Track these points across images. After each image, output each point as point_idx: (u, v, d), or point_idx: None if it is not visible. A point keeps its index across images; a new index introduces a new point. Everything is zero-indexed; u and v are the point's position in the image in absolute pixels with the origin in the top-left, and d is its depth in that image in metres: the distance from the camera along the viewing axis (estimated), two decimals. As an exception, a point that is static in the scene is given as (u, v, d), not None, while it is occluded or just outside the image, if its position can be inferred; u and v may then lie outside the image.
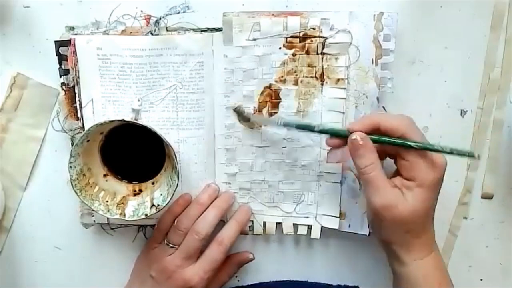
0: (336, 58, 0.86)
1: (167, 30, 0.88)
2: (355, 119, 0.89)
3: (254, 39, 0.86)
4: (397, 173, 0.82)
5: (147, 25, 0.88)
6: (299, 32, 0.86)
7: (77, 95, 0.89)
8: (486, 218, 0.98)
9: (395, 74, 0.90)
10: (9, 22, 0.89)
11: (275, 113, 0.89)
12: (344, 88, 0.87)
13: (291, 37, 0.86)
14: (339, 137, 0.82)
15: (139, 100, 0.87)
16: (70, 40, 0.87)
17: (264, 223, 0.95)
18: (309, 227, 0.95)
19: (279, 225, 0.96)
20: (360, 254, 0.99)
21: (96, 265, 1.00)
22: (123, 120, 0.84)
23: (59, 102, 0.91)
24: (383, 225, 0.81)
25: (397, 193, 0.78)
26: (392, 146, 0.80)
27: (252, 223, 0.95)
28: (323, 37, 0.86)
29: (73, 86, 0.89)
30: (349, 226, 0.94)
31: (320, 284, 0.99)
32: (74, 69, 0.88)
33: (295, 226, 0.95)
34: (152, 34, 0.88)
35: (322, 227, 0.94)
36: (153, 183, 0.92)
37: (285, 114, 0.89)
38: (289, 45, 0.86)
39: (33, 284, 1.00)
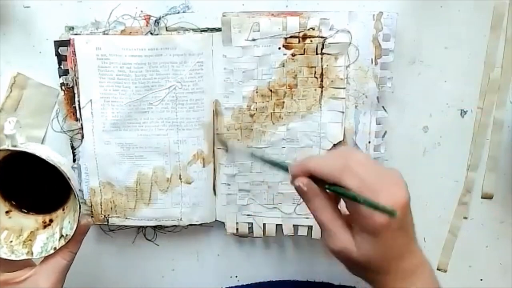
0: (336, 58, 0.87)
1: (167, 30, 0.88)
2: (355, 118, 0.90)
3: (254, 40, 0.86)
4: None
5: (146, 25, 0.88)
6: (299, 32, 0.86)
7: (76, 95, 0.89)
8: (486, 218, 0.98)
9: (395, 74, 0.90)
10: (9, 22, 0.89)
11: (274, 113, 0.89)
12: (344, 88, 0.88)
13: (291, 37, 0.86)
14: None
15: (10, 123, 0.76)
16: (69, 40, 0.87)
17: (264, 225, 0.95)
18: (310, 228, 0.95)
19: (278, 226, 0.95)
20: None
21: (96, 266, 1.00)
22: None
23: (58, 102, 0.91)
24: (345, 264, 0.76)
25: (351, 235, 0.72)
26: None
27: (252, 225, 0.95)
28: (323, 37, 0.86)
29: (73, 87, 0.89)
30: (349, 225, 0.94)
31: (320, 283, 0.99)
32: (74, 69, 0.88)
33: (295, 227, 0.95)
34: (151, 34, 0.88)
35: (322, 227, 0.94)
36: (63, 210, 0.84)
37: (285, 115, 0.89)
38: (288, 45, 0.86)
39: (33, 284, 1.00)
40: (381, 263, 0.73)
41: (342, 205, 0.74)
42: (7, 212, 0.83)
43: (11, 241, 0.81)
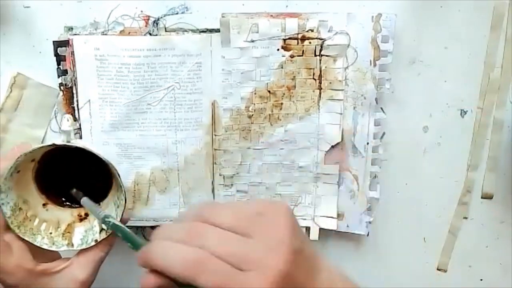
0: (334, 60, 0.87)
1: (166, 31, 0.88)
2: (353, 120, 0.90)
3: (252, 41, 0.86)
4: None
5: (145, 26, 0.88)
6: (297, 34, 0.86)
7: (75, 95, 0.89)
8: (486, 218, 0.98)
9: (395, 74, 0.90)
10: (9, 22, 0.89)
11: (273, 114, 0.89)
12: (342, 90, 0.88)
13: (289, 38, 0.86)
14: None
15: (68, 120, 0.80)
16: (68, 41, 0.87)
17: (261, 226, 0.95)
18: (307, 229, 0.95)
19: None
20: (359, 254, 0.99)
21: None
22: (53, 144, 0.76)
23: (57, 102, 0.91)
24: None
25: None
26: None
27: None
28: (321, 39, 0.86)
29: (71, 87, 0.89)
30: (347, 226, 0.94)
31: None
32: (72, 69, 0.88)
33: (293, 228, 0.95)
34: (150, 34, 0.88)
35: (320, 228, 0.94)
36: (99, 204, 0.85)
37: (283, 116, 0.89)
38: (287, 47, 0.86)
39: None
40: None
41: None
42: (44, 204, 0.84)
43: (51, 233, 0.82)
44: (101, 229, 0.81)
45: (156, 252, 0.61)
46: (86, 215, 0.85)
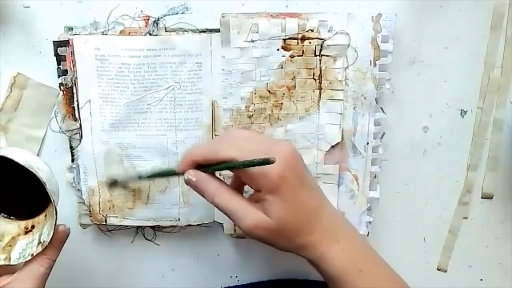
0: (334, 60, 0.86)
1: (166, 31, 0.88)
2: (353, 120, 0.89)
3: (252, 41, 0.86)
4: None
5: (145, 26, 0.88)
6: (297, 34, 0.85)
7: (75, 95, 0.89)
8: (486, 218, 0.97)
9: (395, 74, 0.90)
10: (9, 22, 0.89)
11: (273, 114, 0.89)
12: (342, 90, 0.87)
13: (289, 38, 0.86)
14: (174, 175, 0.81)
15: None
16: (68, 41, 0.87)
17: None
18: (307, 229, 0.95)
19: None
20: (359, 254, 0.99)
21: (95, 266, 1.00)
22: None
23: (57, 102, 0.91)
24: (269, 241, 0.76)
25: (258, 208, 0.74)
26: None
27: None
28: (321, 39, 0.85)
29: (71, 87, 0.89)
30: (348, 226, 0.94)
31: (321, 282, 0.99)
32: (72, 69, 0.88)
33: (293, 227, 0.95)
34: (150, 34, 0.87)
35: (320, 228, 0.94)
36: (45, 216, 0.83)
37: (283, 116, 0.89)
38: (287, 47, 0.86)
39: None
40: (297, 222, 0.74)
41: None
42: None
43: None
44: (39, 243, 0.78)
45: (192, 150, 0.79)
46: (33, 227, 0.83)
